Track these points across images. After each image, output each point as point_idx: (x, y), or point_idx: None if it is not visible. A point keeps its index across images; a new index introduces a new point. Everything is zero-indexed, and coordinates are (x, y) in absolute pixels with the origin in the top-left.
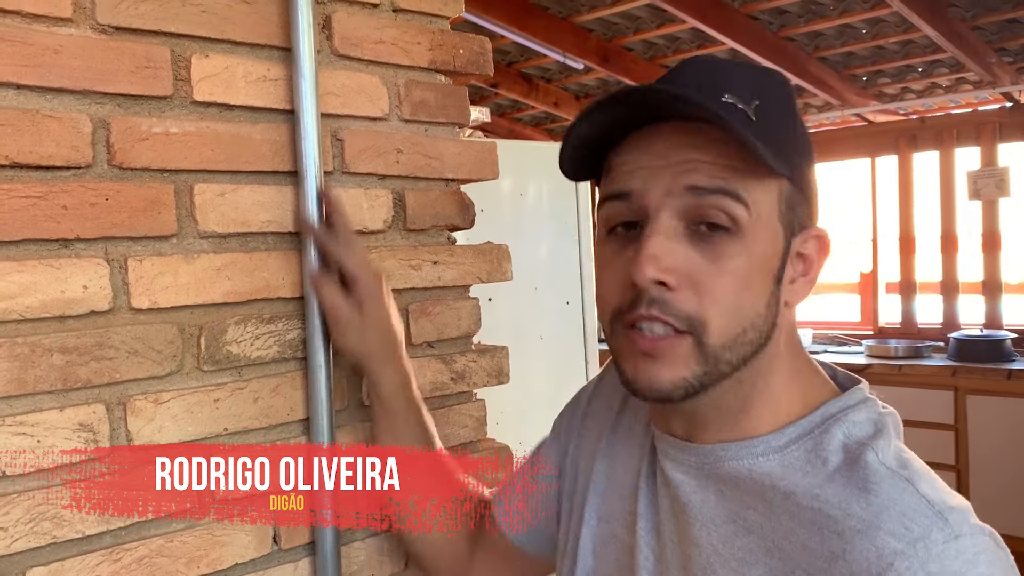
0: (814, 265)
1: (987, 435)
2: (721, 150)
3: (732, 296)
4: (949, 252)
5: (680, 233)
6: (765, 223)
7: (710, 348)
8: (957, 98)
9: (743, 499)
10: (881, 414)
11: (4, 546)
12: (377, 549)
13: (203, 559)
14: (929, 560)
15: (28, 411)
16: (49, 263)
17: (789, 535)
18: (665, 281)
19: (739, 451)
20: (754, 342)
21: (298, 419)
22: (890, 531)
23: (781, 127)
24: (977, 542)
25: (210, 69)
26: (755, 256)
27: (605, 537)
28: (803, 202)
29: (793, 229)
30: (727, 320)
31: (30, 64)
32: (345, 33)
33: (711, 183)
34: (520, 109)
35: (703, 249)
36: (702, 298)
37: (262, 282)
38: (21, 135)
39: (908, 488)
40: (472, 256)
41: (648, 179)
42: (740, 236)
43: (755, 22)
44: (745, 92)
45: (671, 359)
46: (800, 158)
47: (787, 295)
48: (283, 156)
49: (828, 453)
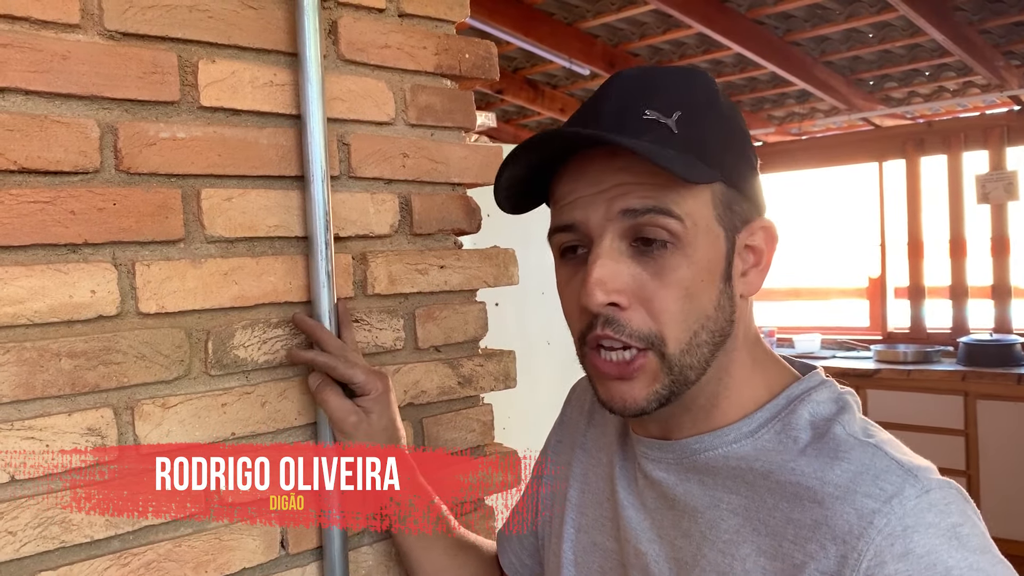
0: (765, 255)
1: (998, 440)
2: (647, 169)
3: (679, 305)
4: (958, 256)
5: (624, 252)
6: (703, 230)
7: (671, 357)
8: (964, 102)
9: (724, 484)
10: (841, 393)
11: (13, 550)
12: (385, 554)
13: (211, 563)
14: (905, 515)
15: (37, 415)
16: (57, 268)
17: (772, 511)
18: (616, 302)
19: (712, 441)
20: (710, 342)
21: (305, 423)
22: (866, 493)
23: (706, 130)
24: (946, 494)
25: (217, 74)
26: (697, 263)
27: (586, 547)
28: (741, 198)
29: (735, 226)
30: (679, 328)
31: (38, 70)
32: (351, 38)
33: (643, 204)
34: (526, 115)
35: (647, 265)
36: (654, 314)
37: (269, 286)
38: (30, 140)
39: (878, 452)
40: (479, 260)
41: (587, 207)
42: (680, 247)
43: (761, 27)
44: (668, 104)
45: (640, 378)
46: (732, 156)
47: (741, 288)
48: (290, 161)
49: (797, 431)
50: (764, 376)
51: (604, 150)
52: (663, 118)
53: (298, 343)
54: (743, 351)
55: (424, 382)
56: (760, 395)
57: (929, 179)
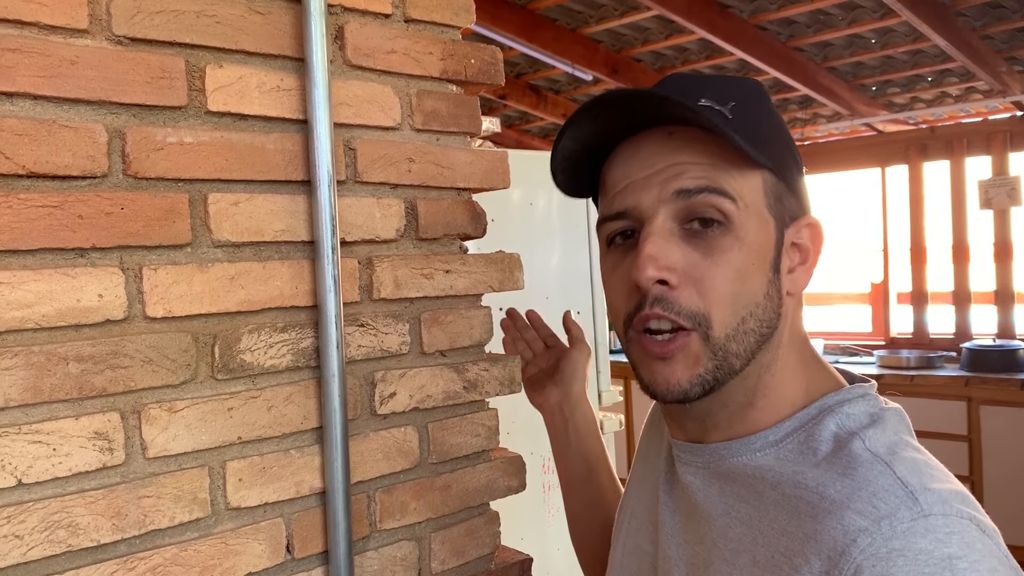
0: (811, 253)
1: (1002, 446)
2: (703, 149)
3: (729, 286)
4: (961, 261)
5: (676, 233)
6: (754, 213)
7: (716, 340)
8: (967, 107)
9: (739, 493)
10: (882, 408)
11: (20, 554)
12: (390, 559)
13: (217, 568)
14: (893, 537)
15: (44, 419)
16: (65, 272)
17: (772, 522)
18: (666, 279)
19: (739, 448)
20: (757, 331)
21: (311, 428)
22: (858, 510)
23: (758, 123)
24: (951, 523)
25: (224, 79)
26: (748, 245)
27: (631, 550)
28: (789, 193)
29: (784, 220)
30: (727, 310)
31: (47, 75)
32: (357, 43)
33: (697, 184)
34: (529, 121)
35: (698, 245)
36: (703, 293)
37: (276, 291)
38: (38, 145)
39: (885, 471)
40: (484, 265)
41: (639, 191)
42: (732, 228)
43: (764, 32)
44: (720, 95)
45: (683, 359)
46: (781, 151)
47: (788, 285)
48: (296, 165)
49: (819, 443)
50: (806, 381)
51: (659, 132)
52: (718, 105)
53: (305, 347)
54: (788, 350)
55: (429, 387)
56: (798, 400)
57: (932, 184)
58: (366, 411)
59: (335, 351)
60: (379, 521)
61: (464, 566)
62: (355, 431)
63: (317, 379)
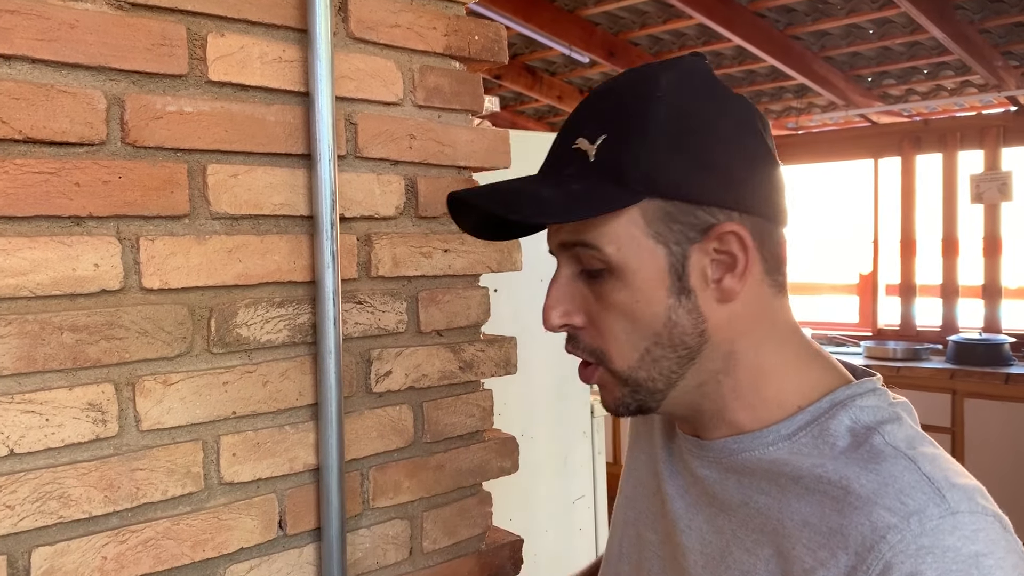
0: (739, 258)
1: (984, 439)
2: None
3: (619, 326)
4: (950, 255)
5: (577, 276)
6: (634, 252)
7: (620, 372)
8: (962, 101)
9: (758, 485)
10: (892, 403)
11: (10, 524)
12: (382, 537)
13: (209, 543)
14: (922, 534)
15: (37, 389)
16: (61, 240)
17: (793, 514)
18: (569, 323)
19: (751, 442)
20: (669, 356)
21: (307, 404)
22: (886, 506)
23: (635, 147)
24: (977, 520)
25: (226, 48)
26: (636, 285)
27: (632, 539)
28: (690, 208)
29: (682, 239)
30: (622, 348)
31: (45, 38)
32: (361, 16)
33: (570, 238)
34: (523, 102)
35: (593, 288)
36: (600, 333)
37: (273, 265)
38: (35, 110)
39: (910, 466)
40: (482, 245)
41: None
42: (614, 271)
43: (762, 20)
44: (600, 125)
45: (602, 386)
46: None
47: (716, 295)
48: (297, 138)
49: (835, 438)
50: (808, 374)
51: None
52: (588, 143)
53: (301, 323)
54: (769, 349)
55: (425, 366)
56: (805, 393)
57: (924, 177)
58: (361, 389)
59: (332, 327)
60: (372, 499)
61: (455, 545)
62: (350, 408)
63: (313, 355)
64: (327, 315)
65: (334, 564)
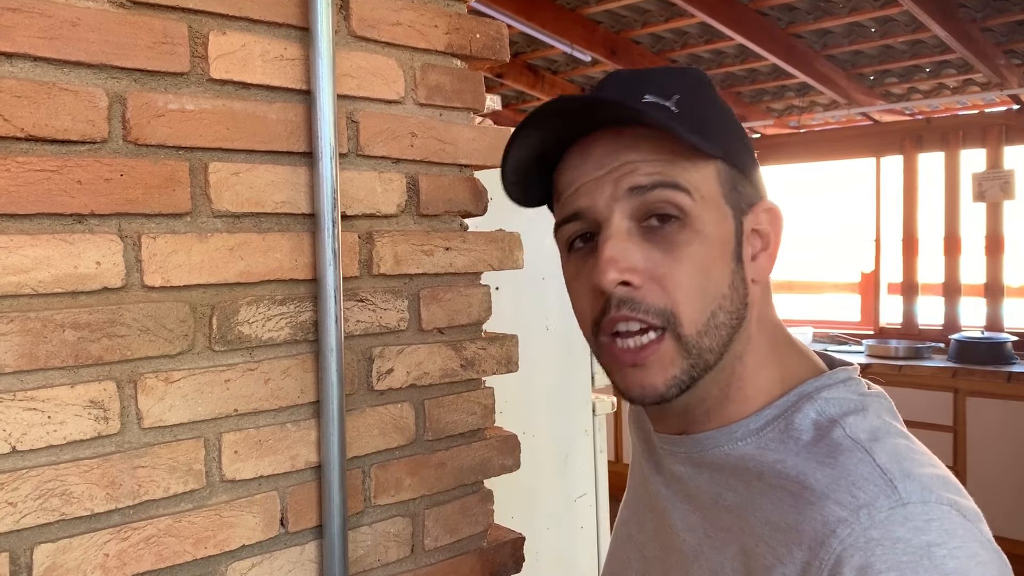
0: (772, 238)
1: (986, 438)
2: (653, 145)
3: (695, 281)
4: (952, 254)
5: (634, 233)
6: (711, 205)
7: (688, 338)
8: (964, 99)
9: (727, 482)
10: (863, 394)
11: (13, 521)
12: (384, 534)
13: (211, 540)
14: (872, 526)
15: (39, 387)
16: (63, 238)
17: (756, 511)
18: (628, 280)
19: (720, 438)
20: (727, 324)
21: (308, 402)
22: (837, 500)
23: (704, 113)
24: (930, 510)
25: (227, 47)
26: (708, 238)
27: (622, 539)
28: (744, 180)
29: (741, 208)
30: (695, 307)
31: (47, 36)
32: (363, 14)
33: (651, 179)
34: (525, 101)
35: (658, 243)
36: (668, 290)
37: (275, 263)
38: (37, 108)
39: (865, 458)
40: (484, 243)
41: (592, 192)
42: (689, 222)
43: (764, 18)
44: (664, 90)
45: (657, 363)
46: (732, 139)
47: (751, 272)
48: (298, 136)
49: (800, 432)
50: (780, 367)
51: (608, 132)
52: (662, 100)
53: (303, 321)
54: (758, 339)
55: (427, 363)
56: (774, 389)
57: (926, 176)
58: (363, 386)
59: (333, 325)
60: (374, 496)
61: (457, 543)
62: (352, 406)
63: (315, 353)
64: (329, 313)
65: (336, 561)
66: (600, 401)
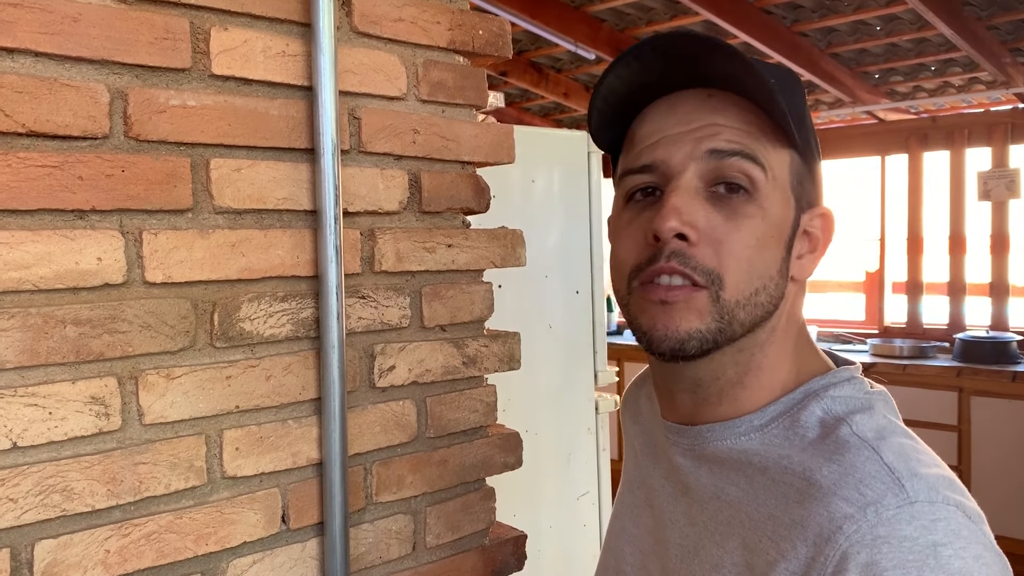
0: (820, 243)
1: (991, 437)
2: (741, 115)
3: (748, 253)
4: (957, 253)
5: (701, 194)
6: (780, 188)
7: (725, 303)
8: (969, 98)
9: (728, 476)
10: (868, 393)
11: (13, 517)
12: (386, 532)
13: (212, 536)
14: (879, 524)
15: (40, 382)
16: (64, 234)
17: (760, 506)
18: (686, 234)
19: (723, 432)
20: (764, 305)
21: (310, 399)
22: (844, 497)
23: (794, 101)
24: (937, 510)
25: (229, 42)
26: (770, 218)
27: (617, 532)
28: (809, 178)
29: (802, 203)
30: (742, 277)
31: (48, 32)
32: (365, 10)
33: (731, 146)
34: (529, 99)
35: (721, 208)
36: (720, 254)
37: (277, 260)
38: (38, 103)
39: (872, 456)
40: (486, 240)
41: (671, 146)
42: (757, 197)
43: (769, 16)
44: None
45: (687, 309)
46: (809, 136)
47: (794, 269)
48: (300, 133)
49: (805, 429)
50: (797, 365)
51: (698, 92)
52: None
53: (305, 317)
54: (784, 334)
55: (429, 361)
56: (788, 383)
57: (931, 175)
58: (365, 383)
59: (335, 322)
60: (375, 494)
61: (459, 541)
62: (353, 403)
63: (316, 350)
64: (330, 310)
65: (337, 559)
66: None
